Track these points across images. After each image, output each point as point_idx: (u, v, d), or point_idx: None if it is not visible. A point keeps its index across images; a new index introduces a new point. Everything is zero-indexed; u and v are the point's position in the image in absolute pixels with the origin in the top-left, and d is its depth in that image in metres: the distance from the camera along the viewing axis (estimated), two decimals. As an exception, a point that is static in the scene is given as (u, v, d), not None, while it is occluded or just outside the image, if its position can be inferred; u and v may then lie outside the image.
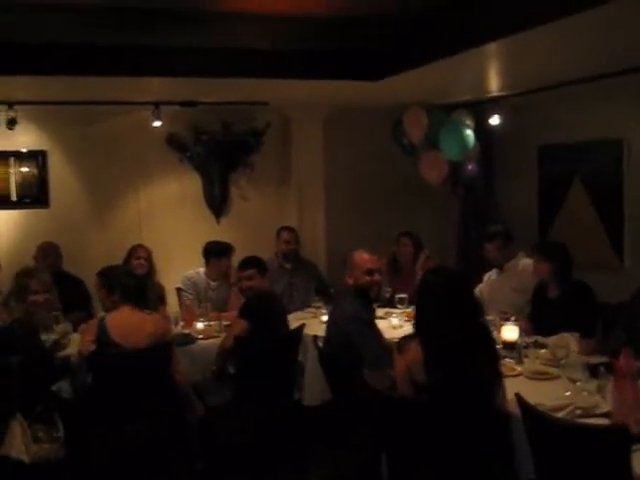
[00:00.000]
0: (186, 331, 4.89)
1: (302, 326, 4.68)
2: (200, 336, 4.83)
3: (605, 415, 3.00)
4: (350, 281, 4.06)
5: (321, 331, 4.80)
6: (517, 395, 2.90)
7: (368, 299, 4.11)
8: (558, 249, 4.69)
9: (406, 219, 6.46)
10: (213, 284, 5.62)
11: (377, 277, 4.15)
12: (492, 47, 4.08)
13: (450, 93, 6.06)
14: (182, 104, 5.92)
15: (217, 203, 6.55)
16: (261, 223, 6.55)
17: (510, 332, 4.10)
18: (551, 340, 4.21)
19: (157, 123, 5.89)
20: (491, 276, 5.48)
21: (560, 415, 3.00)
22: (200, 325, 4.93)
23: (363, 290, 4.06)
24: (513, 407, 3.02)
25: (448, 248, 7.03)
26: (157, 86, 5.30)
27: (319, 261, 6.44)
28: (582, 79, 5.36)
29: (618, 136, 5.63)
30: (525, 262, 5.24)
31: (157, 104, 5.80)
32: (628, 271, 5.66)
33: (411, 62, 4.58)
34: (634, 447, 2.57)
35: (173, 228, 6.36)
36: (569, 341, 4.09)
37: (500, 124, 6.17)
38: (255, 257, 4.86)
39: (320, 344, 4.15)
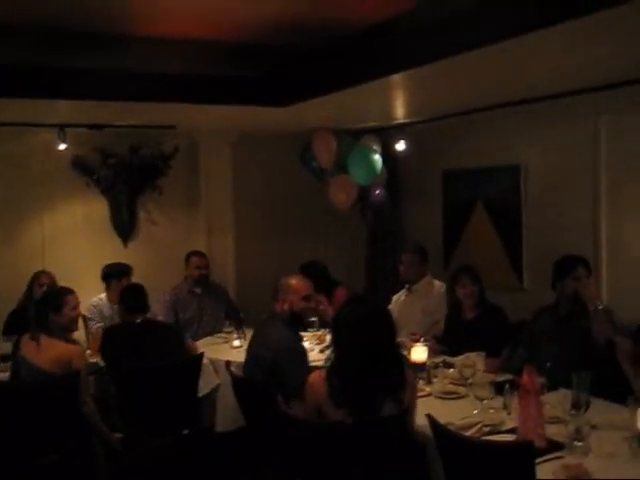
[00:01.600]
0: (94, 360, 4.75)
1: (201, 355, 4.59)
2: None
3: (511, 431, 3.12)
4: (284, 307, 4.01)
5: (233, 356, 4.81)
6: (428, 416, 2.99)
7: (300, 325, 4.12)
8: (478, 273, 4.85)
9: (316, 243, 6.55)
10: (117, 307, 5.50)
11: (313, 303, 4.18)
12: (398, 77, 4.22)
13: (357, 119, 6.20)
14: (89, 127, 5.81)
15: (124, 227, 6.43)
16: (170, 247, 6.48)
17: (419, 353, 4.20)
18: (458, 360, 4.34)
19: (62, 146, 5.75)
20: (400, 297, 5.61)
21: (469, 433, 3.11)
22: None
23: (298, 316, 4.04)
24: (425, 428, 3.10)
25: (357, 271, 7.14)
26: (63, 108, 5.17)
27: (228, 286, 6.41)
28: (482, 108, 5.63)
29: (516, 162, 5.90)
30: (437, 284, 5.40)
31: (62, 126, 5.67)
32: (527, 292, 5.91)
33: (318, 90, 4.68)
34: (538, 460, 2.71)
35: (79, 253, 6.20)
36: (475, 360, 4.23)
37: (406, 149, 6.37)
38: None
39: (234, 369, 4.12)
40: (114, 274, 5.51)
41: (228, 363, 4.22)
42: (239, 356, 4.80)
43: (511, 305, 5.01)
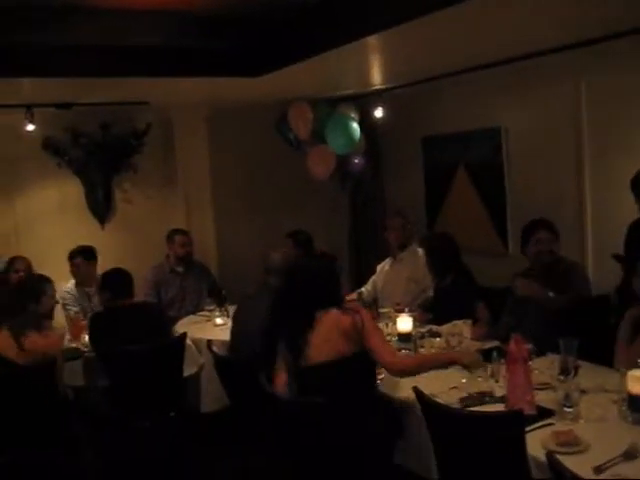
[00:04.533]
0: (74, 345, 4.65)
1: (184, 335, 4.48)
2: (87, 349, 4.57)
3: (501, 399, 3.06)
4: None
5: (215, 334, 4.72)
6: (415, 388, 2.92)
7: None
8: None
9: (297, 216, 6.42)
10: (89, 290, 5.40)
11: None
12: (372, 40, 4.07)
13: (333, 87, 6.04)
14: (57, 106, 5.62)
15: (100, 208, 6.29)
16: (148, 226, 6.35)
17: (405, 323, 4.13)
18: (445, 328, 4.29)
19: (30, 127, 5.57)
20: (385, 266, 5.52)
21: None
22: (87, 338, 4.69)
23: None
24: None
25: (340, 242, 7.05)
26: (28, 87, 4.98)
27: (209, 263, 6.30)
28: (460, 70, 5.49)
29: (496, 124, 5.80)
30: (421, 252, 5.31)
31: (30, 107, 5.48)
32: (512, 256, 5.82)
33: (290, 57, 4.52)
34: (528, 428, 2.66)
35: (54, 237, 6.05)
36: (462, 328, 4.18)
37: (384, 116, 6.25)
38: None
39: (215, 349, 4.03)
40: (85, 256, 5.39)
41: (210, 343, 4.12)
42: (222, 334, 4.74)
43: (496, 270, 4.95)
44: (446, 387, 3.31)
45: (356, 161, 6.28)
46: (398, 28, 3.67)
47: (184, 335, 4.41)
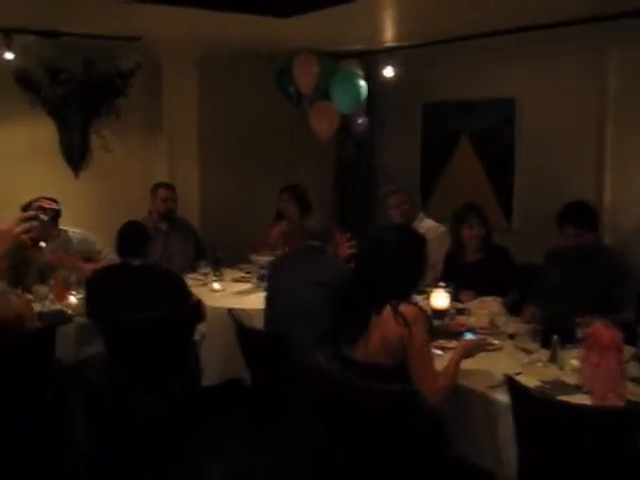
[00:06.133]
0: (57, 307, 4.10)
1: (199, 302, 3.98)
2: (72, 312, 3.97)
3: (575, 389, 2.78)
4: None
5: (216, 301, 4.30)
6: (508, 377, 2.60)
7: None
8: (485, 213, 4.50)
9: (288, 174, 5.99)
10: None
11: None
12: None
13: (340, 41, 5.61)
14: (39, 34, 4.97)
15: (75, 155, 5.61)
16: (127, 179, 5.77)
17: (440, 299, 3.82)
18: (472, 305, 4.02)
19: (9, 55, 4.88)
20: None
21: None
22: (74, 300, 4.12)
23: None
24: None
25: (327, 206, 6.64)
26: (7, 7, 4.32)
27: (192, 220, 5.79)
28: (475, 35, 5.20)
29: (510, 95, 5.52)
30: (430, 224, 5.00)
31: (8, 31, 4.81)
32: (516, 231, 5.63)
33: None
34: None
35: (23, 184, 5.31)
36: (491, 306, 3.91)
37: (387, 77, 5.87)
38: None
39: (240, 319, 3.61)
40: None
41: (230, 311, 3.68)
42: (223, 301, 4.33)
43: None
44: (500, 373, 2.99)
45: (359, 121, 5.87)
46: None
47: (199, 303, 3.93)
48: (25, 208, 4.49)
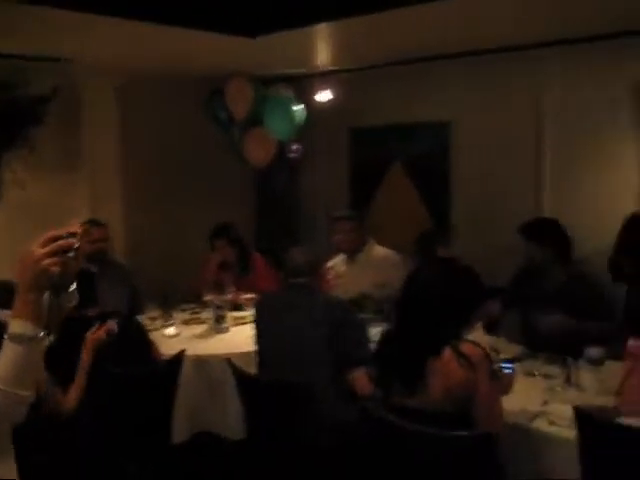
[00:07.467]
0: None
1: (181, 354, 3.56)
2: None
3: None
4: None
5: (173, 347, 3.83)
6: (578, 410, 2.47)
7: None
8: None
9: (216, 209, 5.63)
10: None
11: None
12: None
13: (270, 65, 5.38)
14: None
15: (-17, 192, 5.00)
16: (44, 217, 5.11)
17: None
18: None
19: None
20: (338, 266, 4.92)
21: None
22: None
23: None
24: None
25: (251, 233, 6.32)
26: None
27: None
28: (408, 60, 5.21)
29: (446, 119, 5.52)
30: (383, 251, 4.83)
31: None
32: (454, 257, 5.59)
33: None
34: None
35: None
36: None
37: (318, 102, 5.72)
38: None
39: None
40: None
41: (229, 360, 3.32)
42: (181, 346, 3.88)
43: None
44: (537, 404, 2.91)
45: (295, 147, 5.63)
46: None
47: (181, 355, 3.50)
48: None
